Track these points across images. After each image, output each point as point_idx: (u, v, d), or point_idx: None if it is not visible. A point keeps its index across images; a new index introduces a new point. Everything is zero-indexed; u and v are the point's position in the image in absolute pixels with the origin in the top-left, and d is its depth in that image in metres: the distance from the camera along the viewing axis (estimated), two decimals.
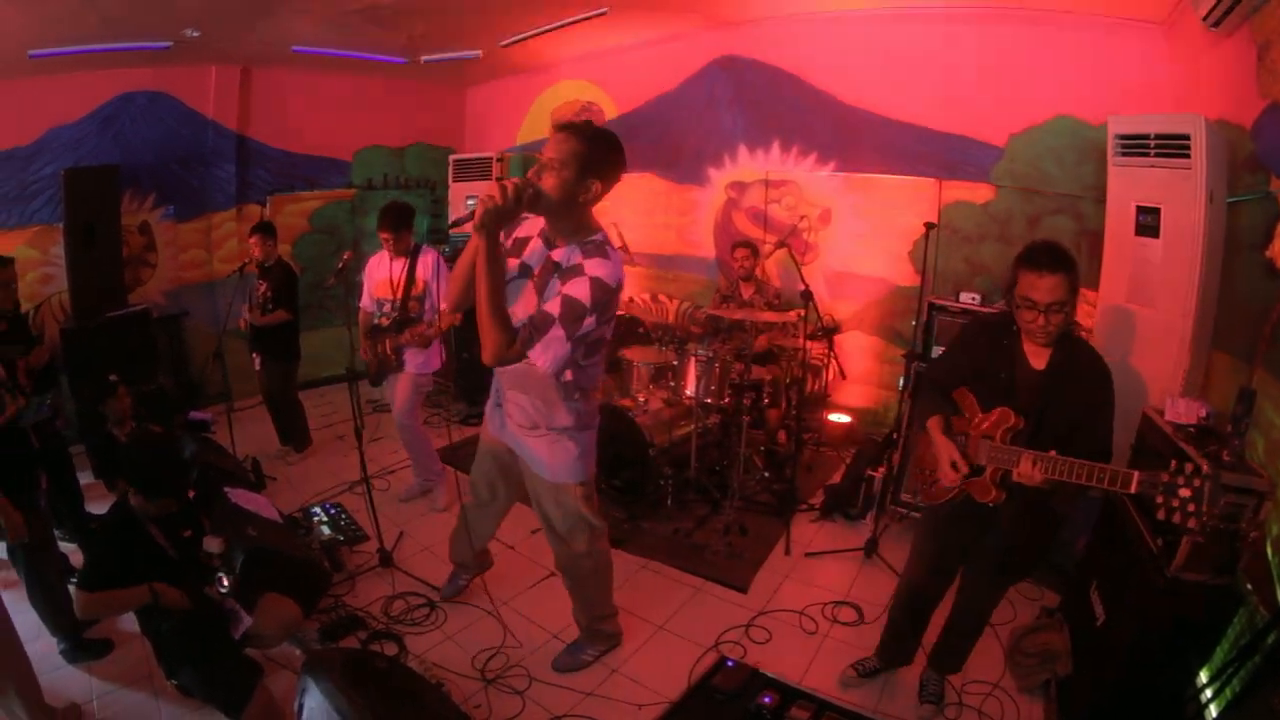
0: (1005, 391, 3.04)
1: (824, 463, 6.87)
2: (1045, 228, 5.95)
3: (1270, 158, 3.69)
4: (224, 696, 3.22)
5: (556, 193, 2.85)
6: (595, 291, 2.86)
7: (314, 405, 7.77)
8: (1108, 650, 3.32)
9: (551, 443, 3.43)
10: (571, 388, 3.29)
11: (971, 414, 3.15)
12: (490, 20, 7.16)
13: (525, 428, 3.46)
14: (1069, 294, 2.85)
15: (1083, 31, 5.60)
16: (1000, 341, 3.12)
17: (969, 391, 3.19)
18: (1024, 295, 2.90)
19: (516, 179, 2.72)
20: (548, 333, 2.84)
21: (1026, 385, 3.02)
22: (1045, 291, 2.83)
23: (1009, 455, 2.88)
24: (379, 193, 9.35)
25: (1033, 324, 2.91)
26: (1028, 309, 2.90)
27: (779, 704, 3.23)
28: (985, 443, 3.02)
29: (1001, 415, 3.00)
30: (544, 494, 3.62)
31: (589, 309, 2.85)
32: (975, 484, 3.08)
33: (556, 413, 3.35)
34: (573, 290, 2.86)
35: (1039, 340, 2.98)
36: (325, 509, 5.51)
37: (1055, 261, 2.84)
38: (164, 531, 3.33)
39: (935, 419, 3.25)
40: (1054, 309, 2.84)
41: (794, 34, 7.17)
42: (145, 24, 6.06)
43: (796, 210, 7.49)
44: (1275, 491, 2.85)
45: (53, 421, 4.49)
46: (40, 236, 6.75)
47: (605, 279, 2.89)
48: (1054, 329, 2.89)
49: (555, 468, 3.48)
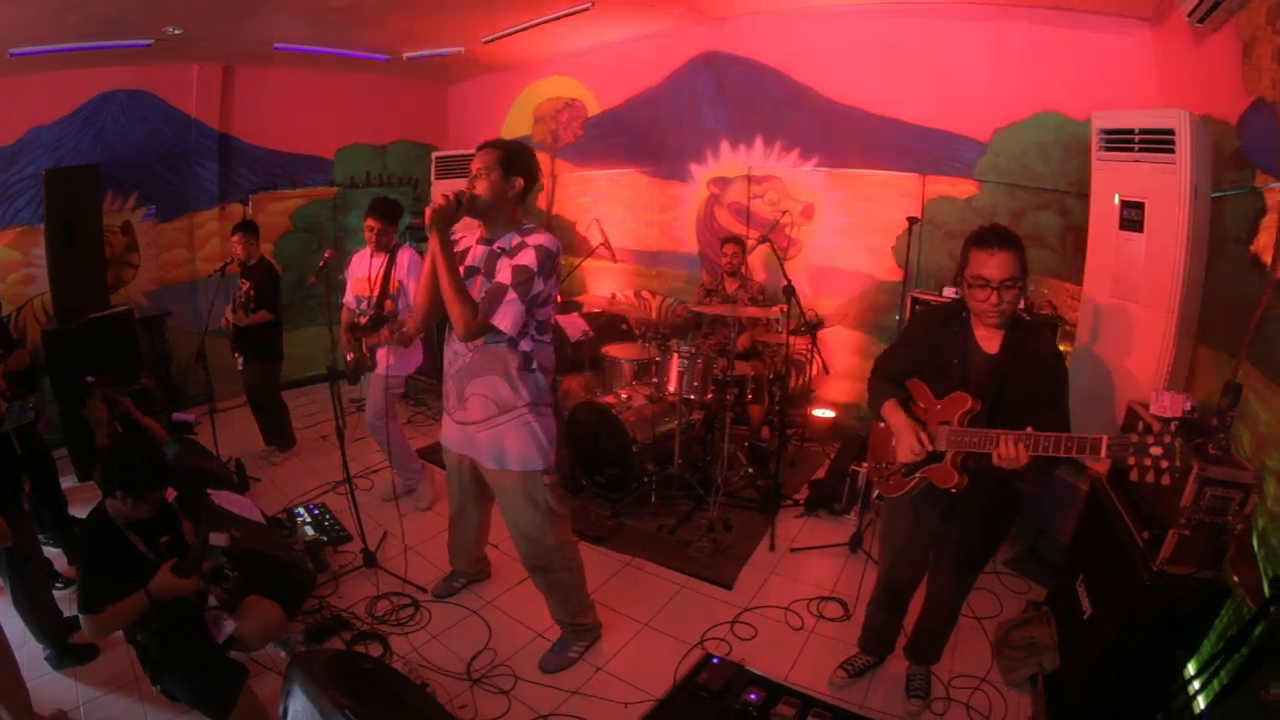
0: (959, 378, 3.05)
1: (808, 458, 6.87)
2: (1029, 223, 5.95)
3: (1255, 153, 3.70)
4: (209, 701, 3.21)
5: (489, 193, 3.37)
6: (540, 256, 3.30)
7: (298, 405, 7.75)
8: (1095, 643, 3.32)
9: (516, 427, 3.56)
10: (530, 357, 3.51)
11: (926, 403, 3.15)
12: (473, 16, 7.12)
13: (488, 419, 3.56)
14: (1019, 271, 2.87)
15: (1068, 27, 5.61)
16: (951, 329, 3.14)
17: (921, 381, 3.19)
18: (976, 274, 2.91)
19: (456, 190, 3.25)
20: (504, 297, 3.26)
21: (980, 370, 3.04)
22: (996, 268, 2.85)
23: (974, 438, 2.88)
24: (361, 190, 9.36)
25: (985, 303, 2.91)
26: (980, 288, 2.90)
27: (765, 700, 3.23)
28: (943, 428, 3.02)
29: (957, 399, 3.00)
30: (512, 490, 3.69)
31: (536, 272, 3.29)
32: (936, 470, 3.08)
33: (520, 387, 3.52)
34: (520, 259, 3.30)
35: (991, 321, 2.98)
36: (309, 509, 5.48)
37: (1004, 240, 2.87)
38: (143, 537, 3.31)
39: (891, 402, 3.23)
40: (1006, 285, 2.85)
41: (778, 29, 7.16)
42: (127, 22, 6.00)
43: (779, 206, 7.50)
44: (1261, 484, 2.86)
45: (35, 425, 4.45)
46: (22, 237, 6.70)
47: (547, 245, 3.35)
48: (1007, 307, 2.90)
49: (521, 454, 3.60)
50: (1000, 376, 2.98)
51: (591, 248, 7.85)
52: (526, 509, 3.69)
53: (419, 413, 7.90)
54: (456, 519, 4.32)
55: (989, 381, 2.99)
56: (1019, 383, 2.94)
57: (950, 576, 3.48)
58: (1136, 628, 3.04)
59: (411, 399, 8.00)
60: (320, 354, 8.05)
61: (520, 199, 3.47)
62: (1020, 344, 2.99)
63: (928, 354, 3.21)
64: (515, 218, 3.49)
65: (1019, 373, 2.95)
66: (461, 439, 3.74)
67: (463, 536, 4.41)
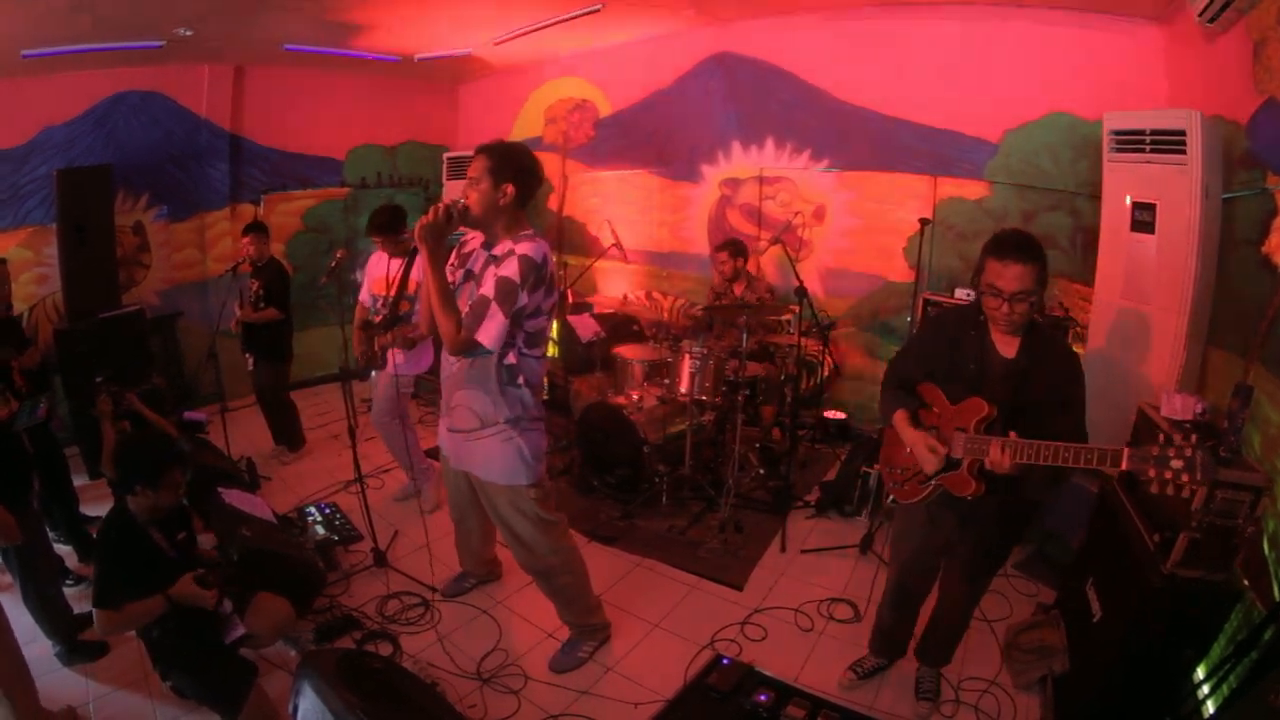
0: (974, 382, 3.01)
1: (819, 459, 6.86)
2: (1040, 224, 5.94)
3: (1267, 153, 3.69)
4: (219, 698, 3.23)
5: (478, 204, 3.30)
6: (523, 267, 3.21)
7: (308, 405, 7.76)
8: (1104, 646, 3.31)
9: (501, 441, 3.53)
10: (515, 371, 3.46)
11: (941, 408, 3.10)
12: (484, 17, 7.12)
13: (472, 431, 3.56)
14: (1035, 284, 2.83)
15: (1079, 27, 5.59)
16: (968, 332, 3.10)
17: (935, 386, 3.15)
18: (990, 283, 2.89)
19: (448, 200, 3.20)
20: (486, 311, 3.20)
21: (996, 374, 3.01)
22: (1011, 280, 2.82)
23: (983, 445, 2.84)
24: (372, 191, 9.37)
25: (997, 311, 2.89)
26: (993, 296, 2.88)
27: (775, 702, 3.22)
28: (959, 435, 2.97)
29: (974, 405, 2.94)
30: (500, 501, 3.70)
31: (519, 284, 3.21)
32: (952, 478, 3.03)
33: (500, 403, 3.48)
34: (504, 270, 3.23)
35: (1003, 328, 2.97)
36: (320, 509, 5.51)
37: (1021, 251, 2.82)
38: (164, 534, 3.33)
39: (901, 413, 3.19)
40: (1019, 298, 2.82)
41: (788, 30, 7.15)
42: (138, 23, 6.02)
43: (791, 207, 7.49)
44: (1272, 487, 2.85)
45: (46, 424, 4.47)
46: (34, 237, 6.72)
47: (531, 255, 3.24)
48: (1018, 318, 2.87)
49: (505, 469, 3.59)
50: (1017, 382, 2.95)
51: (603, 248, 7.86)
52: (516, 518, 3.70)
53: (430, 412, 7.90)
54: (459, 524, 4.32)
55: (1006, 386, 2.96)
56: (1036, 388, 2.92)
57: (963, 581, 3.47)
58: (1146, 631, 3.03)
59: (423, 399, 8.01)
60: (332, 354, 8.06)
61: (517, 204, 3.35)
62: (1038, 349, 2.97)
63: (943, 357, 3.17)
64: (514, 223, 3.38)
65: (1036, 378, 2.93)
66: (453, 447, 3.75)
67: (467, 540, 4.43)
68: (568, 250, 9.47)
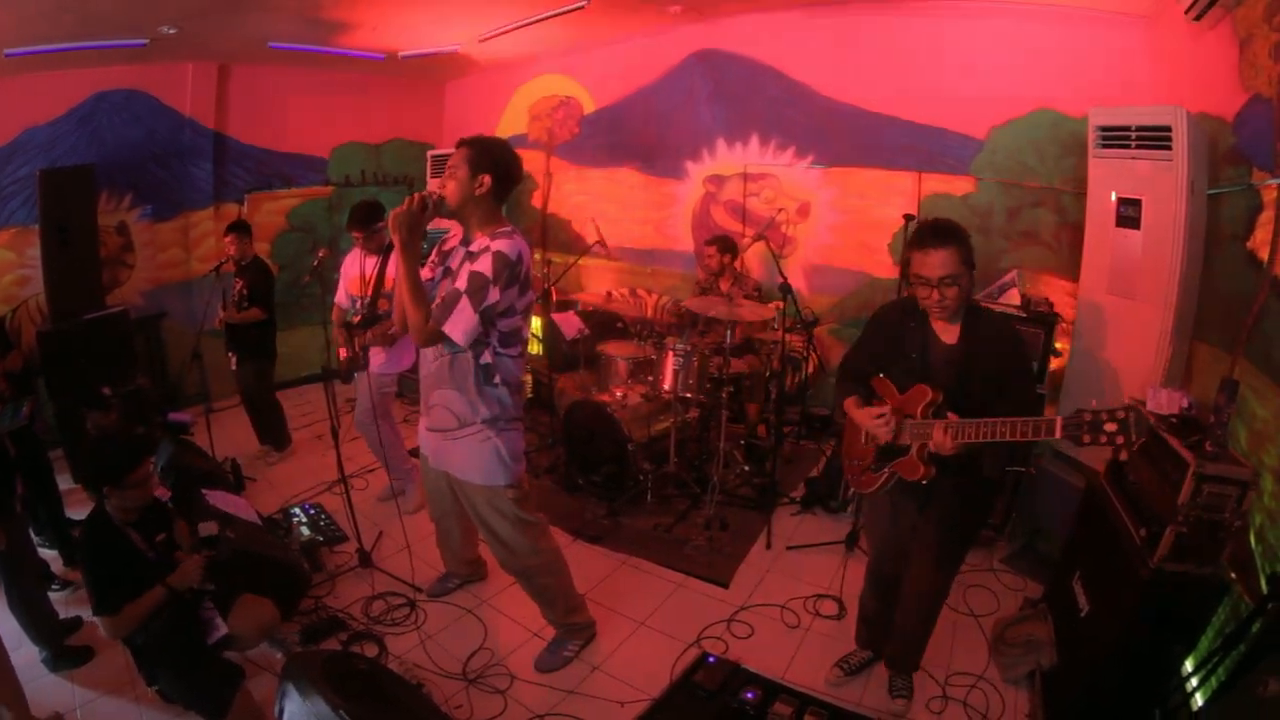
0: (919, 371, 3.10)
1: (804, 455, 6.85)
2: (1025, 220, 5.97)
3: (1252, 149, 3.71)
4: (205, 702, 3.21)
5: (454, 194, 3.30)
6: (496, 263, 3.18)
7: (293, 405, 7.71)
8: (1092, 640, 3.31)
9: (478, 441, 3.51)
10: (491, 371, 3.43)
11: (891, 398, 3.17)
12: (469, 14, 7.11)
13: (450, 431, 3.55)
14: (961, 266, 2.93)
15: (1065, 24, 5.61)
16: (909, 324, 3.19)
17: (885, 377, 3.23)
18: (916, 274, 2.99)
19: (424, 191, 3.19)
20: (456, 304, 3.19)
21: (940, 361, 3.10)
22: (934, 267, 2.92)
23: (926, 429, 2.94)
24: (356, 190, 9.30)
25: (929, 300, 2.99)
26: (922, 286, 2.98)
27: (762, 699, 3.23)
28: (907, 421, 3.07)
29: (919, 392, 3.04)
30: (478, 501, 3.68)
31: (491, 280, 3.17)
32: (903, 464, 3.13)
33: (478, 402, 3.46)
34: (478, 265, 3.20)
35: (940, 315, 3.06)
36: (305, 509, 5.48)
37: (939, 237, 2.94)
38: (141, 535, 3.31)
39: (851, 399, 3.30)
40: (946, 283, 2.92)
41: (774, 27, 7.15)
42: (122, 22, 5.98)
43: (775, 203, 7.50)
44: (1258, 481, 2.85)
45: (30, 426, 4.44)
46: (17, 239, 6.66)
47: (505, 251, 3.20)
48: (950, 303, 2.97)
49: (483, 469, 3.57)
50: (960, 366, 3.03)
51: (587, 245, 7.85)
52: (495, 518, 3.68)
53: (414, 411, 7.85)
54: (439, 524, 4.29)
55: (950, 371, 3.05)
56: (979, 370, 3.00)
57: (928, 568, 3.47)
58: (1134, 625, 3.03)
59: (406, 397, 7.97)
60: (315, 354, 8.01)
61: (495, 197, 3.35)
62: (977, 332, 3.06)
63: (888, 349, 3.26)
64: (491, 217, 3.38)
65: (978, 360, 3.01)
66: (432, 446, 3.73)
67: (449, 540, 4.39)
68: (552, 247, 9.48)
